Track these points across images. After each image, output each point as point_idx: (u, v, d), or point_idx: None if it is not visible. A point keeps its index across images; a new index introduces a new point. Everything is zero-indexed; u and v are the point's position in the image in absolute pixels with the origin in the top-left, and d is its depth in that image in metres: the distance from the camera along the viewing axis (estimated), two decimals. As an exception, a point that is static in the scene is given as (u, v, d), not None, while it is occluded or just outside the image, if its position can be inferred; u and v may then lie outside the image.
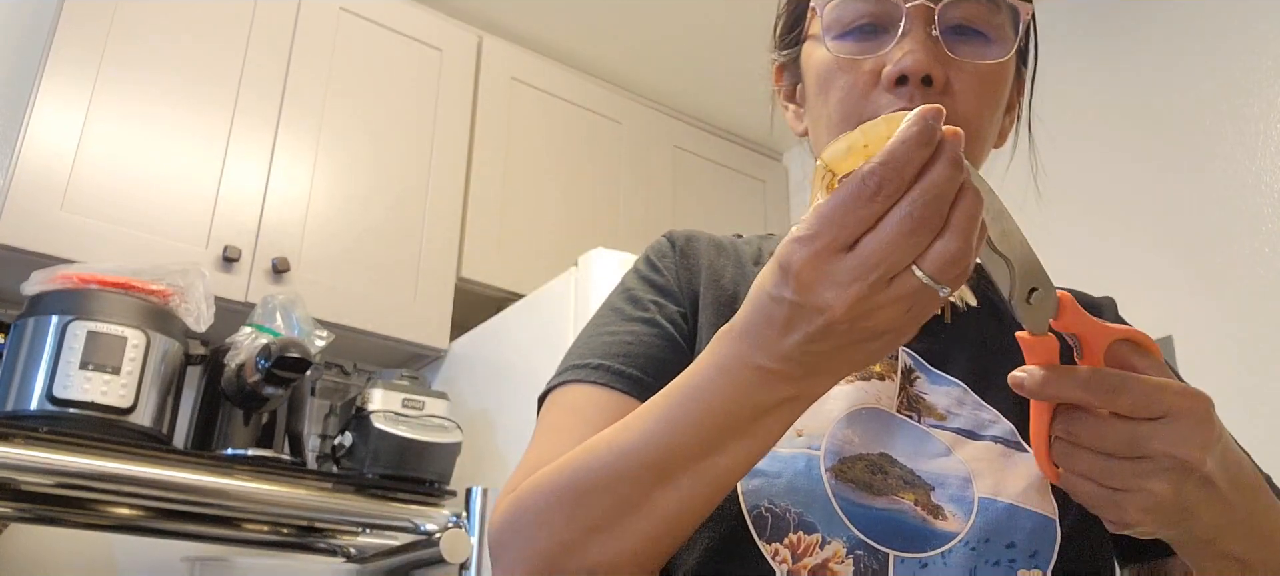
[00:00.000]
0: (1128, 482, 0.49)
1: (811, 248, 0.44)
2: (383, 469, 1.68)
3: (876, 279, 0.43)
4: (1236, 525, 0.52)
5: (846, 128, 0.69)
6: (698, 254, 0.77)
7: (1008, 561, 0.61)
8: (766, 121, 0.87)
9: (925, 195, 0.42)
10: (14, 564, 1.72)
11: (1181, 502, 0.49)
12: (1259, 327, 1.79)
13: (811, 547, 0.60)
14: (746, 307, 0.49)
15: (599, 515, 0.54)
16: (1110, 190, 2.11)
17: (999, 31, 0.68)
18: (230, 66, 1.95)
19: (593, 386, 0.67)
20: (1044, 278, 0.50)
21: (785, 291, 0.45)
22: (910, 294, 0.44)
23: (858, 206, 0.43)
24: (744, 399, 0.50)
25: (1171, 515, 0.50)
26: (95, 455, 1.38)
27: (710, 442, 0.51)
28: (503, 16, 2.48)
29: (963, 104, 0.67)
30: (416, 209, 2.12)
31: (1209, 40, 2.01)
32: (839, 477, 0.62)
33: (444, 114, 2.23)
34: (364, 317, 1.96)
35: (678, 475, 0.52)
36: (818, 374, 0.48)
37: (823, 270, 0.44)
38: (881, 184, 0.42)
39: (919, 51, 0.64)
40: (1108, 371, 0.50)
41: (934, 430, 0.66)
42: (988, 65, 0.67)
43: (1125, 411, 0.49)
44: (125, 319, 1.51)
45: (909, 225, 0.42)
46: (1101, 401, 0.49)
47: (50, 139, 1.71)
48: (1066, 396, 0.50)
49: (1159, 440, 0.48)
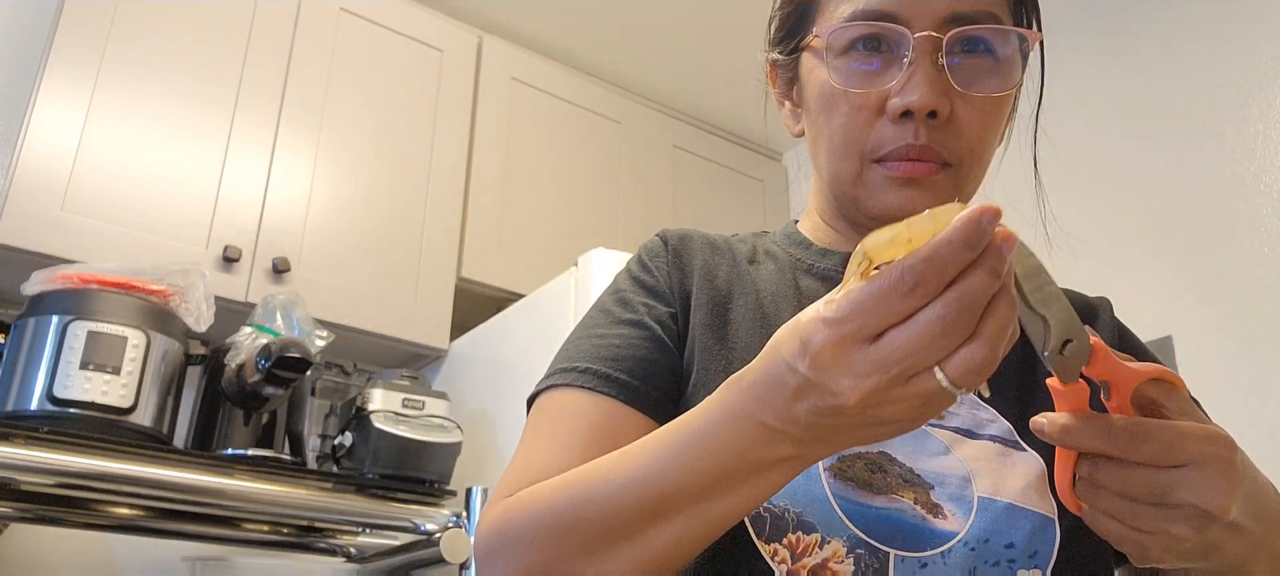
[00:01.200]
0: (1152, 526, 0.49)
1: (836, 332, 0.43)
2: (383, 469, 1.68)
3: (896, 375, 0.42)
4: (1262, 555, 0.53)
5: (849, 155, 0.69)
6: (691, 253, 0.77)
7: (1007, 561, 0.61)
8: (766, 121, 0.87)
9: (961, 300, 0.41)
10: (14, 564, 1.72)
11: (1206, 544, 0.50)
12: (1259, 327, 1.80)
13: (810, 547, 0.60)
14: (761, 364, 0.48)
15: (590, 541, 0.55)
16: (1110, 190, 2.11)
17: (1006, 57, 0.68)
18: (231, 67, 1.95)
19: (580, 391, 0.67)
20: (1079, 330, 0.49)
21: (801, 365, 0.45)
22: (926, 394, 0.43)
23: (892, 300, 0.42)
24: (746, 451, 0.50)
25: (1195, 555, 0.50)
26: (95, 455, 1.38)
27: (708, 488, 0.51)
28: (503, 16, 2.48)
29: (968, 134, 0.68)
30: (417, 209, 2.12)
31: (1209, 40, 2.01)
32: (838, 477, 0.62)
33: (444, 114, 2.23)
34: (364, 317, 1.96)
35: (673, 514, 0.52)
36: (821, 442, 0.48)
37: (843, 357, 0.43)
38: (919, 281, 0.41)
39: (924, 86, 0.65)
40: (1130, 421, 0.50)
41: (932, 429, 0.66)
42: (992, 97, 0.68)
43: (1147, 460, 0.49)
44: (125, 319, 1.51)
45: (939, 327, 0.41)
46: (1123, 452, 0.49)
47: (51, 139, 1.71)
48: (1088, 447, 0.50)
49: (1183, 489, 0.49)
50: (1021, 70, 0.69)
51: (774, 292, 0.74)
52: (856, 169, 0.69)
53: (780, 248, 0.79)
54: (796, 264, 0.77)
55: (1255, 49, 1.93)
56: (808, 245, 0.78)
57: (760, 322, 0.71)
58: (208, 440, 1.64)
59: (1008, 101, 0.71)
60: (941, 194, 0.68)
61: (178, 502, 1.46)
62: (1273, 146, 1.86)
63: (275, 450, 1.67)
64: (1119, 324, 0.79)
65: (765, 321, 0.71)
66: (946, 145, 0.67)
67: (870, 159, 0.69)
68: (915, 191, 0.68)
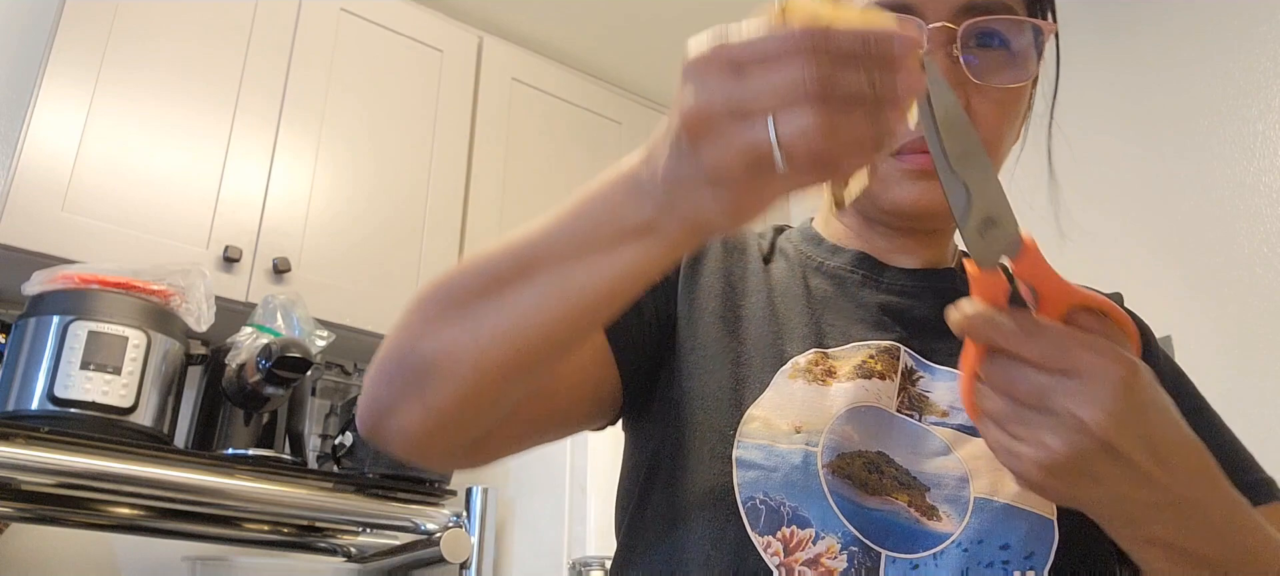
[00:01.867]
0: (1026, 433, 0.47)
1: (711, 44, 0.41)
2: (383, 468, 1.68)
3: (734, 104, 0.39)
4: (1165, 508, 0.50)
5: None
6: (704, 254, 0.76)
7: (1001, 563, 0.60)
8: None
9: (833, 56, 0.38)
10: (14, 564, 1.72)
11: (1081, 467, 0.47)
12: (1259, 327, 1.80)
13: (805, 542, 0.60)
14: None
15: (463, 296, 0.54)
16: (1109, 190, 2.11)
17: (1022, 49, 0.67)
18: (231, 67, 1.95)
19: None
20: (1005, 211, 0.47)
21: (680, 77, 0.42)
22: (752, 144, 0.40)
23: (777, 44, 0.39)
24: (613, 208, 0.48)
25: (1070, 477, 0.48)
26: (96, 455, 1.39)
27: (573, 248, 0.50)
28: (503, 17, 2.48)
29: (983, 126, 0.67)
30: (417, 209, 2.12)
31: (1209, 40, 2.01)
32: (836, 474, 0.62)
33: (444, 114, 2.23)
34: (365, 317, 1.96)
35: (536, 273, 0.51)
36: (672, 206, 0.45)
37: (701, 70, 0.41)
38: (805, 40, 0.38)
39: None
40: (1022, 315, 0.48)
41: (934, 427, 0.65)
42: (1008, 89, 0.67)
43: (1034, 360, 0.47)
44: (126, 319, 1.52)
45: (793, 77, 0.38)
46: (1011, 345, 0.48)
47: (51, 139, 1.71)
48: (984, 337, 0.49)
49: (1062, 395, 0.46)
50: (1037, 62, 0.68)
51: (784, 291, 0.74)
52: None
53: (794, 245, 0.79)
54: (807, 261, 0.77)
55: (1255, 49, 1.93)
56: (819, 242, 0.78)
57: (771, 319, 0.71)
58: (208, 440, 1.65)
59: (1023, 94, 0.70)
60: None
61: (178, 502, 1.47)
62: (1273, 146, 1.86)
63: (276, 450, 1.67)
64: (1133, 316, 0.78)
65: (776, 318, 0.71)
66: None
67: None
68: (929, 183, 0.67)
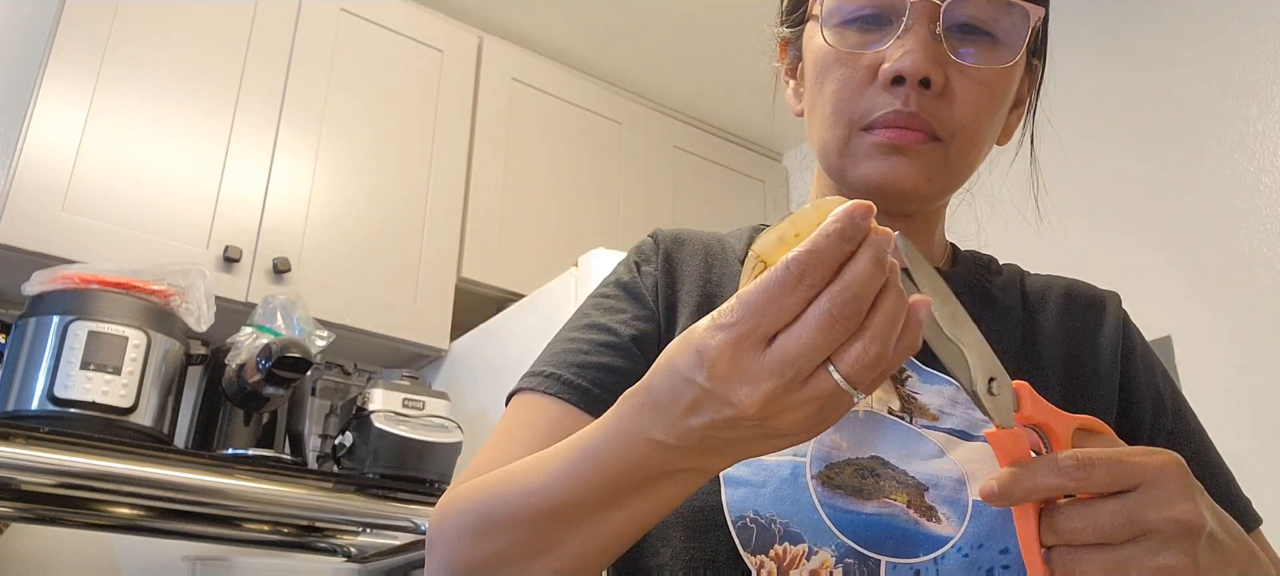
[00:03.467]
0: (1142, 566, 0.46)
1: (731, 335, 0.42)
2: (383, 468, 1.68)
3: (791, 377, 0.42)
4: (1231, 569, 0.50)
5: (838, 123, 0.68)
6: (683, 257, 0.75)
7: (1001, 568, 0.59)
8: (766, 121, 0.86)
9: (846, 290, 0.40)
10: (14, 564, 1.72)
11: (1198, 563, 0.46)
12: (1258, 327, 1.79)
13: (797, 559, 0.58)
14: (655, 376, 0.47)
15: (506, 547, 0.55)
16: (1109, 190, 2.11)
17: (1007, 32, 0.66)
18: (231, 67, 1.95)
19: (543, 396, 0.67)
20: (999, 368, 0.48)
21: (699, 376, 0.43)
22: (823, 397, 0.42)
23: (780, 294, 0.41)
24: (637, 468, 0.49)
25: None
26: (96, 455, 1.38)
27: (606, 500, 0.51)
28: (503, 17, 2.48)
29: (961, 108, 0.65)
30: (417, 209, 2.12)
31: (1209, 40, 2.01)
32: (826, 485, 0.61)
33: (444, 114, 2.23)
34: (364, 317, 1.96)
35: (577, 523, 0.52)
36: (716, 454, 0.47)
37: (739, 362, 0.42)
38: (804, 272, 0.41)
39: (918, 51, 0.63)
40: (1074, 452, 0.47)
41: (926, 431, 0.64)
42: (991, 70, 0.65)
43: (1102, 488, 0.47)
44: (126, 319, 1.52)
45: (827, 319, 0.40)
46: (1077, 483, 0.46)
47: (51, 139, 1.71)
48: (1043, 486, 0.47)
49: (1149, 508, 0.46)
50: (1022, 48, 0.66)
51: None
52: (844, 137, 0.68)
53: None
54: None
55: (1255, 49, 1.93)
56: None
57: None
58: (208, 440, 1.65)
59: (1007, 80, 0.68)
60: (928, 167, 0.66)
61: (178, 502, 1.47)
62: (1273, 146, 1.86)
63: (276, 450, 1.67)
64: (1126, 319, 0.77)
65: None
66: (938, 116, 0.65)
67: (858, 126, 0.67)
68: (900, 159, 0.65)
